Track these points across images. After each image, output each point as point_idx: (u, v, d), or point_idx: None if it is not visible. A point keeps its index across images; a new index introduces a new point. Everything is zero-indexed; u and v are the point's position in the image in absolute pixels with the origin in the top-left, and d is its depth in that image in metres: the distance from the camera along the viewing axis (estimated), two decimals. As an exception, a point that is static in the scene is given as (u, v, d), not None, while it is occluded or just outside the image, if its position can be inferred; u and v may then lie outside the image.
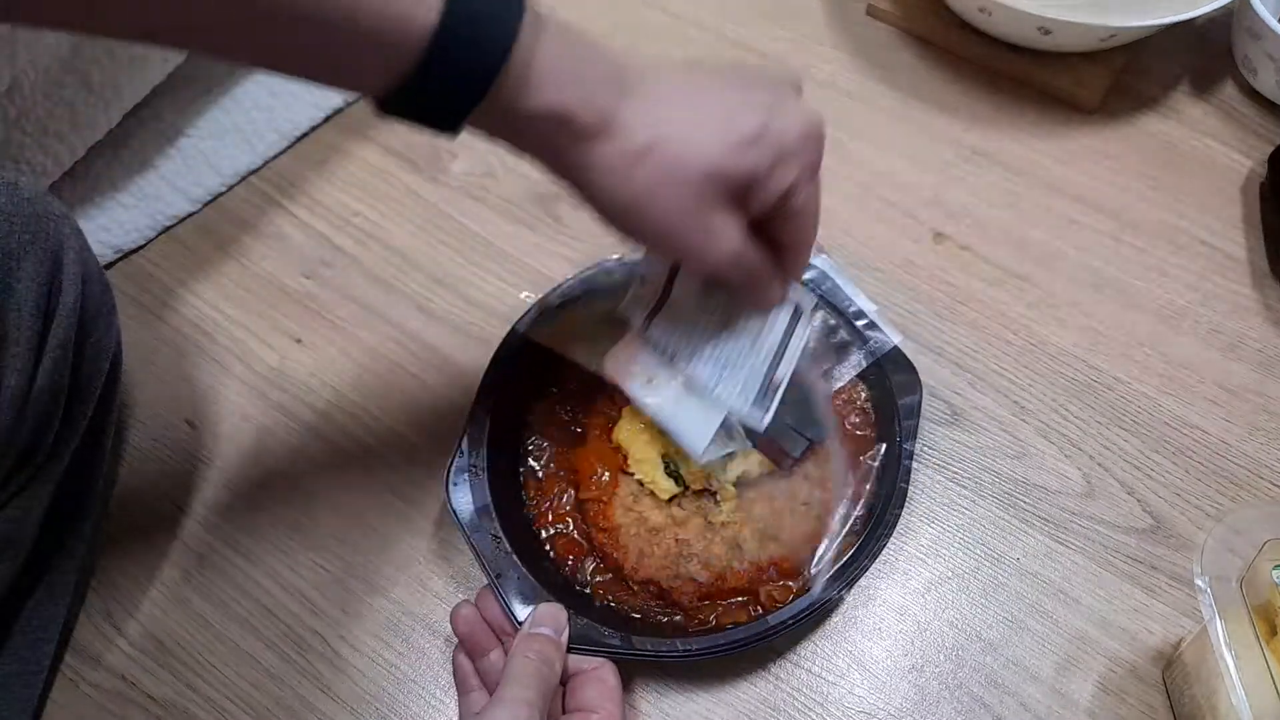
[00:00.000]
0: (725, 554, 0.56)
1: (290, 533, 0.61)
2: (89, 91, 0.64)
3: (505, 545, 0.53)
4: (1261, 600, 0.48)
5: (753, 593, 0.55)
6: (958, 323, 0.67)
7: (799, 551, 0.55)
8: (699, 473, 0.56)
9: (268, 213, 0.74)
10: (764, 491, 0.57)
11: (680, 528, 0.56)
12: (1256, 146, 0.75)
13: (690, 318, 0.52)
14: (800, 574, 0.55)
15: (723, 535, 0.56)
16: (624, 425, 0.58)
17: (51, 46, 0.58)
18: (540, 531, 0.58)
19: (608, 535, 0.57)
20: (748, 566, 0.55)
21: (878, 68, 0.81)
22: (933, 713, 0.55)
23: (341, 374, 0.66)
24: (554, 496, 0.59)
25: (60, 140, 0.65)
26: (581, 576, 0.56)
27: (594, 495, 0.58)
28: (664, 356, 0.52)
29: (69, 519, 0.56)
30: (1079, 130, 0.76)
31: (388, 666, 0.57)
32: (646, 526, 0.57)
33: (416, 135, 0.76)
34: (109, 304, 0.56)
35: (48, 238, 0.49)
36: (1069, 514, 0.60)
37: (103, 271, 0.55)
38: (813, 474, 0.57)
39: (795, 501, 0.57)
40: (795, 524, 0.56)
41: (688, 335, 0.52)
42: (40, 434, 0.49)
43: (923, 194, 0.73)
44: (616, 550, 0.56)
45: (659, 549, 0.56)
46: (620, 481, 0.58)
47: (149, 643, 0.57)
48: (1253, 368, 0.65)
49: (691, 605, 0.55)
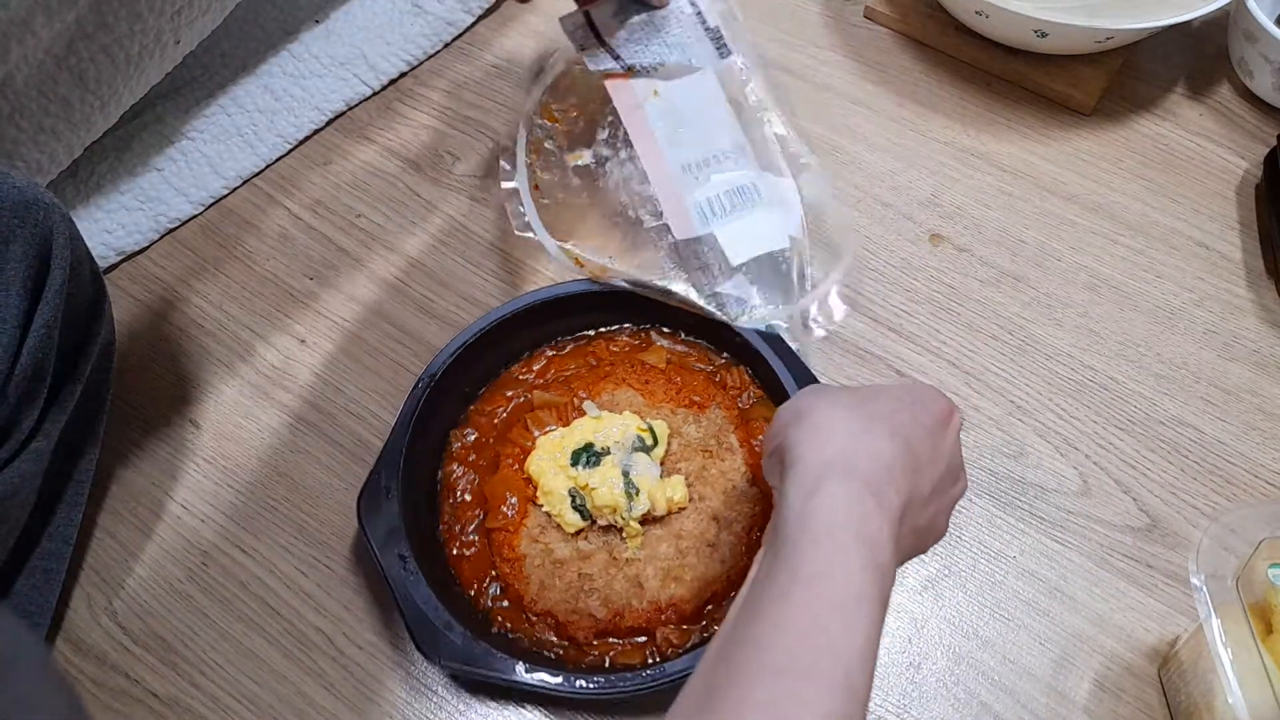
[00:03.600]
0: (626, 591, 0.55)
1: (294, 531, 0.61)
2: (84, 89, 0.64)
3: (412, 565, 0.53)
4: (1257, 598, 0.49)
5: (650, 633, 0.54)
6: (955, 323, 0.68)
7: (700, 595, 0.54)
8: (605, 508, 0.55)
9: (271, 214, 0.74)
10: (671, 530, 0.56)
11: (584, 562, 0.56)
12: (1252, 148, 0.75)
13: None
14: (700, 618, 0.55)
15: (626, 572, 0.55)
16: (535, 457, 0.58)
17: (45, 42, 0.58)
18: (450, 554, 0.58)
19: (511, 565, 0.56)
20: (647, 606, 0.54)
21: (875, 70, 0.81)
22: (930, 710, 0.55)
23: (345, 374, 0.67)
24: (465, 522, 0.59)
25: (56, 138, 0.65)
26: (484, 601, 0.56)
27: (501, 524, 0.57)
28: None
29: (60, 503, 0.57)
30: (1075, 132, 0.77)
31: (390, 664, 0.57)
32: (551, 558, 0.56)
33: (419, 138, 0.77)
34: (100, 291, 0.57)
35: (36, 224, 0.50)
36: (1065, 513, 0.61)
37: (94, 260, 0.57)
38: (722, 514, 0.56)
39: (701, 543, 0.56)
40: (699, 565, 0.55)
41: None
42: (22, 411, 0.50)
43: (920, 195, 0.74)
44: (518, 580, 0.56)
45: (561, 581, 0.55)
46: (529, 512, 0.57)
47: (153, 640, 0.58)
48: (1248, 368, 0.66)
49: (587, 641, 0.54)
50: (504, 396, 0.63)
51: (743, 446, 0.59)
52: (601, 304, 0.63)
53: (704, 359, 0.64)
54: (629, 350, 0.64)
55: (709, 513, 0.56)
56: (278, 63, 0.80)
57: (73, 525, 0.58)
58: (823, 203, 0.61)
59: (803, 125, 0.62)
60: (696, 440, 0.59)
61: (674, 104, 0.60)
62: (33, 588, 0.56)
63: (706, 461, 0.58)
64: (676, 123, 0.60)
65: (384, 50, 0.80)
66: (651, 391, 0.61)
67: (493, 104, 0.80)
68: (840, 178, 0.75)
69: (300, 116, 0.77)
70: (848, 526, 0.38)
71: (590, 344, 0.64)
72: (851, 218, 0.69)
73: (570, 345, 0.65)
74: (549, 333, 0.64)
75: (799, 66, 0.81)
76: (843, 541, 0.37)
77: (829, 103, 0.79)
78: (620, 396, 0.61)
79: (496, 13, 0.85)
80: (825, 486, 0.39)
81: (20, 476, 0.51)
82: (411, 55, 0.81)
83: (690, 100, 0.60)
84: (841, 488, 0.39)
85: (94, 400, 0.59)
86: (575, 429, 0.58)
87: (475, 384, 0.63)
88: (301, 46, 0.81)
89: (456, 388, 0.61)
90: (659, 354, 0.63)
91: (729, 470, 0.58)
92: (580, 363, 0.64)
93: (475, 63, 0.82)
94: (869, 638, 0.37)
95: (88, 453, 0.59)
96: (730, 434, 0.59)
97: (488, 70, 0.82)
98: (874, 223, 0.73)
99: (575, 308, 0.63)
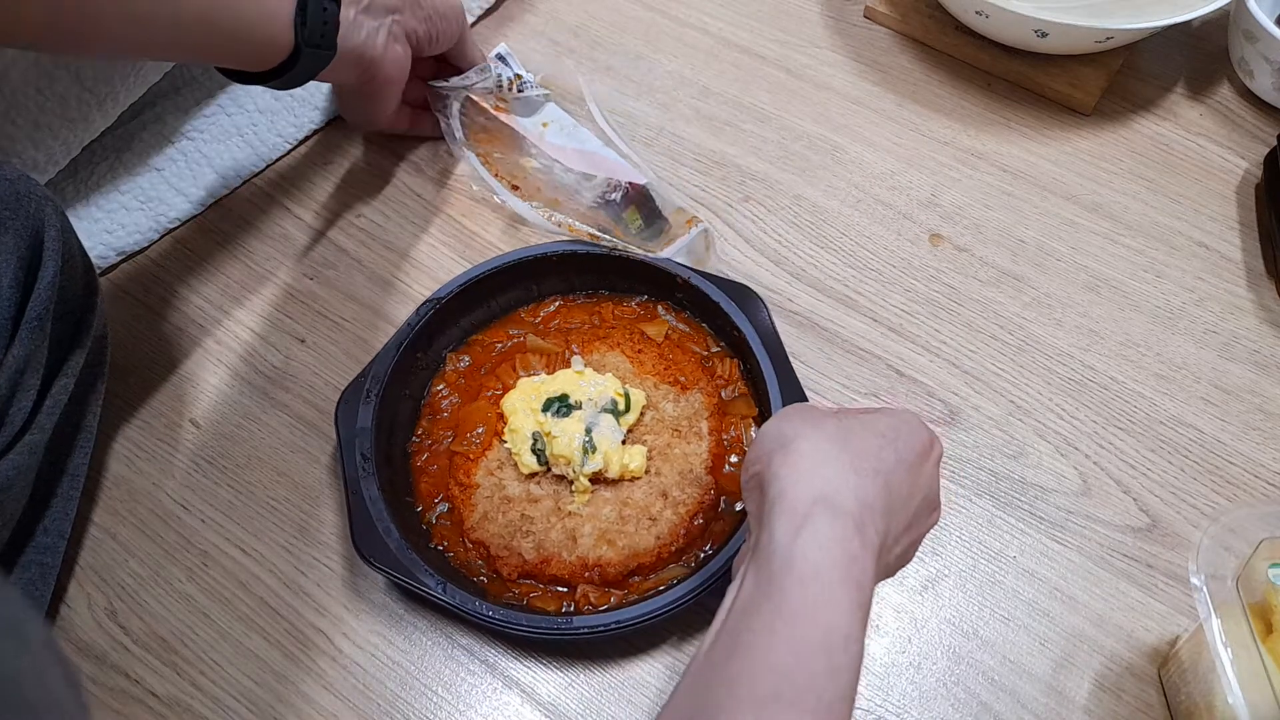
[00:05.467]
0: (559, 541, 0.57)
1: (294, 531, 0.61)
2: (82, 86, 0.64)
3: (371, 466, 0.56)
4: (1257, 598, 0.49)
5: (571, 587, 0.56)
6: (955, 323, 0.68)
7: (627, 563, 0.56)
8: (560, 458, 0.57)
9: (271, 214, 0.74)
10: (619, 495, 0.58)
11: (531, 504, 0.58)
12: (1252, 148, 0.75)
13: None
14: (623, 585, 0.56)
15: (565, 524, 0.57)
16: (512, 395, 0.61)
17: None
18: (414, 465, 0.61)
19: (462, 490, 0.59)
20: (574, 560, 0.56)
21: (875, 70, 0.81)
22: (931, 710, 0.55)
23: (345, 374, 0.67)
24: (436, 440, 0.62)
25: (54, 136, 0.65)
26: (430, 517, 0.59)
27: (464, 450, 0.60)
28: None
29: (54, 497, 0.58)
30: (1075, 132, 0.77)
31: (390, 664, 0.57)
32: (501, 493, 0.59)
33: (419, 138, 0.77)
34: (92, 285, 0.58)
35: (28, 216, 0.51)
36: (1065, 513, 0.61)
37: (86, 253, 0.57)
38: (671, 493, 0.58)
39: (643, 514, 0.57)
40: (635, 535, 0.57)
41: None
42: (14, 403, 0.51)
43: (919, 195, 0.74)
44: (464, 506, 0.58)
45: (503, 517, 0.58)
46: (493, 445, 0.60)
47: (153, 640, 0.58)
48: (1248, 368, 0.66)
49: (510, 577, 0.57)
50: (506, 333, 0.66)
51: (711, 435, 0.60)
52: (618, 269, 0.66)
53: (701, 343, 0.65)
54: (632, 318, 0.66)
55: (659, 488, 0.58)
56: (278, 62, 0.80)
57: (67, 519, 0.58)
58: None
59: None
60: (670, 418, 0.61)
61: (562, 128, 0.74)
62: (28, 582, 0.56)
63: (673, 440, 0.60)
64: (568, 138, 0.74)
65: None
66: (641, 361, 0.63)
67: (493, 104, 0.80)
68: (840, 177, 0.75)
69: (300, 116, 0.77)
70: (836, 566, 0.38)
71: (599, 304, 0.67)
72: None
73: (581, 300, 0.67)
74: (564, 285, 0.67)
75: (799, 66, 0.81)
76: (830, 581, 0.38)
77: (829, 103, 0.79)
78: (610, 359, 0.63)
79: (498, 13, 0.85)
80: (813, 523, 0.39)
81: (15, 469, 0.51)
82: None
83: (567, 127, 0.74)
84: (829, 526, 0.39)
85: (88, 394, 0.59)
86: (557, 378, 0.61)
87: (483, 317, 0.66)
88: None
89: (464, 314, 0.65)
90: (660, 327, 0.65)
91: (691, 454, 0.59)
92: (584, 318, 0.66)
93: (475, 62, 0.82)
94: (853, 675, 0.37)
95: (82, 446, 0.59)
96: (703, 420, 0.60)
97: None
98: (874, 223, 0.73)
99: (591, 266, 0.66)
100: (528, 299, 0.67)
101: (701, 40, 0.83)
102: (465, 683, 0.56)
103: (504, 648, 0.57)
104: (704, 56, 0.82)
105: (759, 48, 0.83)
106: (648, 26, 0.84)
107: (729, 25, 0.84)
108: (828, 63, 0.82)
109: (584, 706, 0.56)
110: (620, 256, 0.64)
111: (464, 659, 0.57)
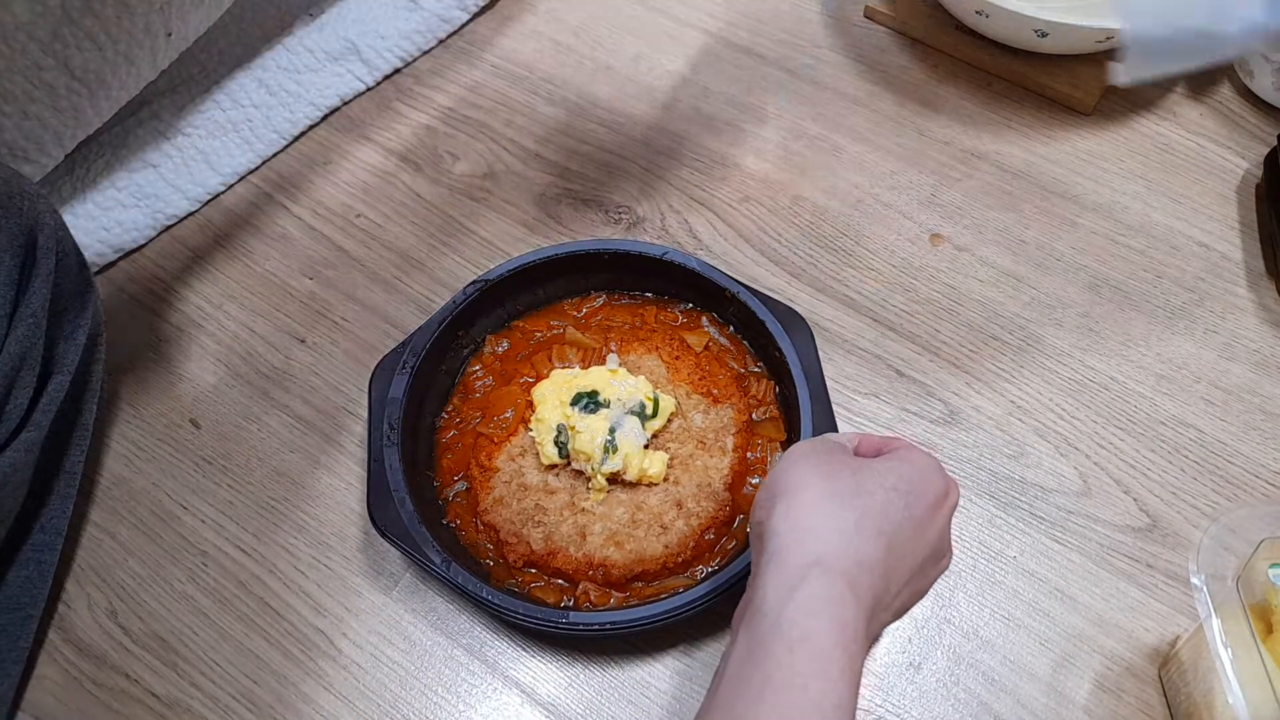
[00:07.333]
0: (568, 535, 0.57)
1: (294, 531, 0.61)
2: (71, 76, 0.63)
3: (396, 436, 0.57)
4: (1258, 598, 0.49)
5: (573, 582, 0.56)
6: (955, 323, 0.68)
7: (632, 567, 0.55)
8: (581, 453, 0.57)
9: (270, 213, 0.74)
10: (635, 498, 0.58)
11: (546, 495, 0.58)
12: (1252, 148, 0.75)
13: None
14: (625, 588, 0.56)
15: (577, 520, 0.57)
16: (544, 385, 0.61)
17: (26, 24, 0.57)
18: (440, 441, 0.61)
19: (482, 472, 0.59)
20: (580, 557, 0.56)
21: (875, 70, 0.81)
22: (931, 710, 0.55)
23: (345, 374, 0.67)
24: (465, 419, 0.62)
25: (43, 125, 0.64)
26: (447, 493, 0.60)
27: (490, 432, 0.61)
28: None
29: (51, 495, 0.58)
30: (1075, 132, 0.77)
31: (390, 664, 0.57)
32: (519, 480, 0.59)
33: (419, 138, 0.77)
34: (86, 282, 0.58)
35: (22, 213, 0.51)
36: (1066, 513, 0.61)
37: (80, 251, 0.57)
38: (687, 504, 0.57)
39: (655, 520, 0.57)
40: (644, 540, 0.56)
41: None
42: (10, 401, 0.51)
43: (920, 195, 0.74)
44: (482, 488, 0.59)
45: (517, 503, 0.58)
46: (519, 432, 0.60)
47: (153, 641, 0.58)
48: (1248, 368, 0.66)
49: (515, 564, 0.57)
50: (547, 323, 0.66)
51: (735, 452, 0.59)
52: (669, 274, 0.65)
53: (740, 359, 0.64)
54: (675, 325, 0.66)
55: (675, 497, 0.58)
56: (272, 56, 0.80)
57: (64, 517, 0.58)
58: None
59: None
60: (697, 429, 0.60)
61: None
62: (26, 579, 0.56)
63: (697, 451, 0.59)
64: None
65: (379, 45, 0.80)
66: (677, 369, 0.62)
67: (492, 104, 0.80)
68: (840, 177, 0.75)
69: (296, 112, 0.77)
70: (827, 633, 0.38)
71: (644, 306, 0.67)
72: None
73: (627, 300, 0.67)
74: (613, 283, 0.67)
75: (799, 66, 0.81)
76: (820, 648, 0.37)
77: (829, 102, 0.79)
78: (646, 361, 0.63)
79: (497, 13, 0.85)
80: (806, 586, 0.38)
81: (11, 467, 0.51)
82: (406, 51, 0.81)
83: None
84: (823, 589, 0.38)
85: (84, 392, 0.59)
86: (590, 374, 0.61)
87: (528, 303, 0.66)
88: (295, 39, 0.80)
89: (510, 298, 0.65)
90: (701, 337, 0.64)
91: (712, 468, 0.59)
92: (627, 318, 0.66)
93: (475, 62, 0.82)
94: None
95: (78, 444, 0.59)
96: (730, 435, 0.60)
97: (488, 70, 0.82)
98: (874, 222, 0.73)
99: (642, 269, 0.65)
100: (574, 292, 0.67)
101: (701, 40, 0.83)
102: (465, 683, 0.56)
103: (504, 646, 0.57)
104: (704, 56, 0.82)
105: (759, 48, 0.83)
106: (648, 26, 0.84)
107: (729, 25, 0.84)
108: (828, 63, 0.81)
109: (584, 707, 0.56)
110: (674, 262, 0.63)
111: (464, 659, 0.57)
